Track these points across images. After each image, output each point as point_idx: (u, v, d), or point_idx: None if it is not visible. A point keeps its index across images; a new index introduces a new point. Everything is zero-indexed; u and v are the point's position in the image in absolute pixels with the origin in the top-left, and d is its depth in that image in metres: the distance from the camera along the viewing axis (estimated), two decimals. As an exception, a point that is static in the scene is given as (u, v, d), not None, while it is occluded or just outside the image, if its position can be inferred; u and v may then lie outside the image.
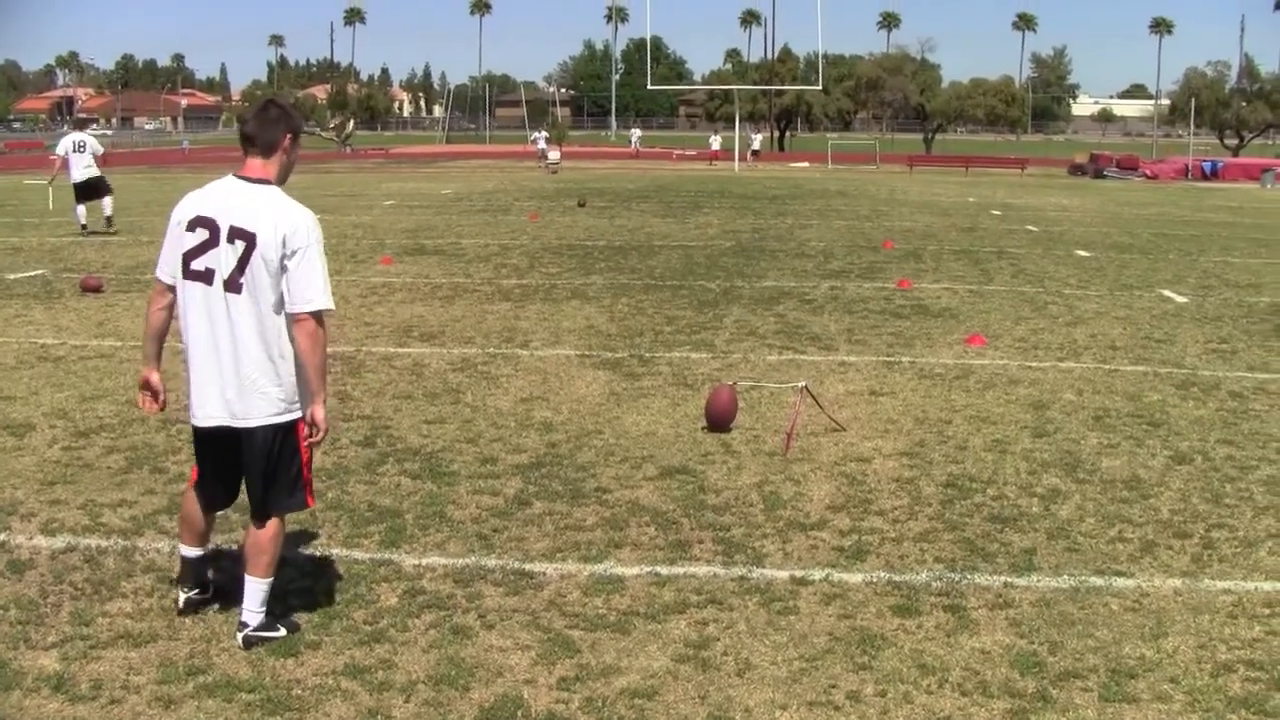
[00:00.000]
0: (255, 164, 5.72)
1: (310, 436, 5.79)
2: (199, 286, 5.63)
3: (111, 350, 12.84)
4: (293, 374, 5.70)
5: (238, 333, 5.59)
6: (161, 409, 6.04)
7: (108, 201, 25.38)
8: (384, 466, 8.68)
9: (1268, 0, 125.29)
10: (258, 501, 5.81)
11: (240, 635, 5.73)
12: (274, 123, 5.71)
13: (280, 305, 5.59)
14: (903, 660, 5.68)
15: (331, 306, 5.68)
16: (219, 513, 6.36)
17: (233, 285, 5.57)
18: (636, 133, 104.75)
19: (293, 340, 5.62)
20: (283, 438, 5.74)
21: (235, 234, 5.55)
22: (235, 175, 5.76)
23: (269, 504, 5.80)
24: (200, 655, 5.63)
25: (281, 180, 5.77)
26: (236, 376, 5.62)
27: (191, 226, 5.65)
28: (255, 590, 5.77)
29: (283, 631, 5.81)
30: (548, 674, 5.50)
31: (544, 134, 68.04)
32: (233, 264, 5.55)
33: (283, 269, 5.55)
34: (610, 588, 6.50)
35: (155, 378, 5.91)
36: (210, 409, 5.70)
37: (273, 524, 5.81)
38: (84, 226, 25.02)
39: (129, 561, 6.79)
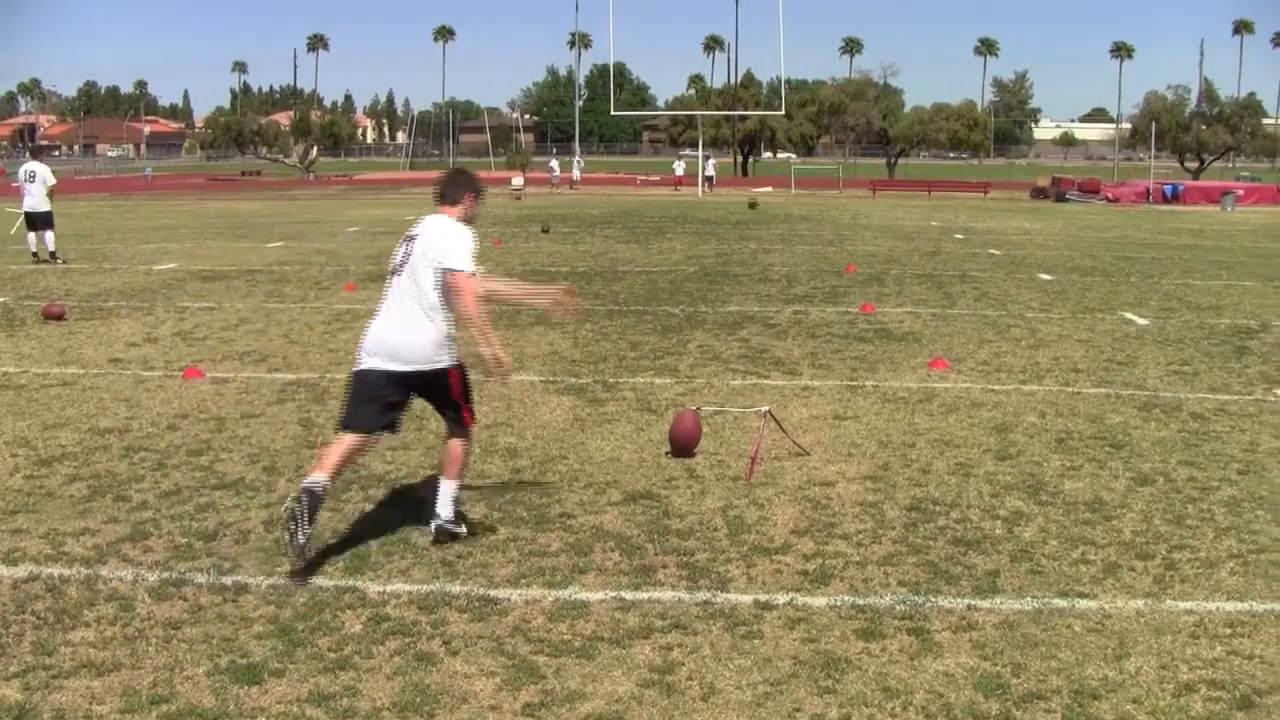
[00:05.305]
0: (445, 209, 7.57)
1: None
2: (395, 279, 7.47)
3: (74, 378, 12.77)
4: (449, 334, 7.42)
5: (414, 305, 7.31)
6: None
7: (49, 236, 25.31)
8: (348, 493, 8.65)
9: (1227, 25, 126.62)
10: (451, 423, 7.59)
11: (433, 524, 7.50)
12: (456, 185, 7.63)
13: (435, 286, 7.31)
14: (867, 683, 5.69)
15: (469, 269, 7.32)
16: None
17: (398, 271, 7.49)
18: (578, 160, 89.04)
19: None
20: (454, 377, 7.49)
21: (409, 239, 7.50)
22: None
23: (456, 424, 7.58)
24: (163, 684, 5.60)
25: (465, 223, 7.52)
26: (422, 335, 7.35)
27: (401, 243, 7.57)
28: (448, 490, 7.53)
29: (464, 530, 7.55)
30: (513, 700, 5.49)
31: (557, 161, 68.25)
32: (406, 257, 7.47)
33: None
34: (575, 613, 6.50)
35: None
36: (401, 361, 7.31)
37: (460, 440, 7.60)
38: (35, 255, 25.20)
39: (91, 590, 6.76)
